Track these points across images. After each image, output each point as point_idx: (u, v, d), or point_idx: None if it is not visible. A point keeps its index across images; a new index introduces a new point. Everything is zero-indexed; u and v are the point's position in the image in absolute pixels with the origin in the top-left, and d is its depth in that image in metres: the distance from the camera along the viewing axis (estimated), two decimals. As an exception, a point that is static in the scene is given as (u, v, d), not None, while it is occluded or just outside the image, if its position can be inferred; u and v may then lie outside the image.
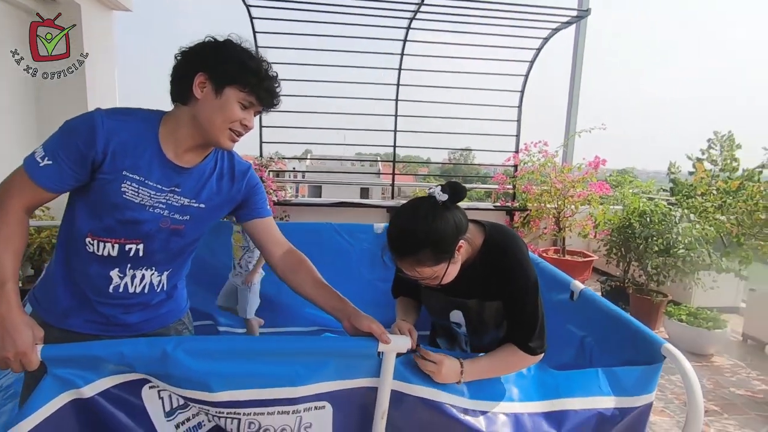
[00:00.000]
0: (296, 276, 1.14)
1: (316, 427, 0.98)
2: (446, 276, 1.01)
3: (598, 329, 1.42)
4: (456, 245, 0.98)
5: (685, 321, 2.85)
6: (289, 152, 5.01)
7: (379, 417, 1.00)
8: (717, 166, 3.48)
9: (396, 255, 0.99)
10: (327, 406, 0.99)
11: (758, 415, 2.18)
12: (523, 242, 1.08)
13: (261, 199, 1.14)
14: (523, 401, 1.04)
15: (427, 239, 0.94)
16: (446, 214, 0.96)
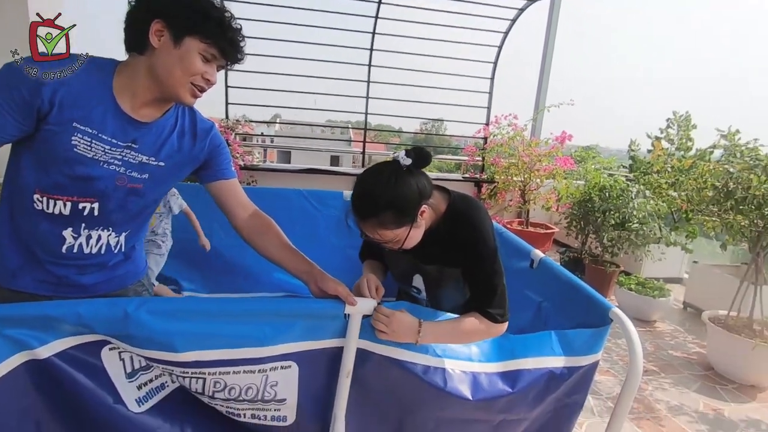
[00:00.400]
0: (262, 238, 1.13)
1: (281, 385, 1.00)
2: (408, 240, 1.02)
3: (554, 295, 1.50)
4: (418, 210, 0.99)
5: (634, 290, 3.05)
6: (257, 115, 4.85)
7: (344, 376, 1.03)
8: (673, 145, 3.65)
9: (358, 218, 0.99)
10: (293, 366, 1.01)
11: (691, 374, 2.41)
12: (485, 212, 1.10)
13: (225, 160, 1.10)
14: (481, 362, 1.10)
15: (389, 202, 0.94)
16: (409, 179, 0.97)
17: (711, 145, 3.17)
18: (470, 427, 1.13)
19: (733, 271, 3.11)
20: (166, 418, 0.93)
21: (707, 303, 3.00)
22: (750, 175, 2.30)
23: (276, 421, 1.06)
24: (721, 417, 2.03)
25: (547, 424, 1.20)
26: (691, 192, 2.72)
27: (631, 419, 1.96)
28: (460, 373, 1.07)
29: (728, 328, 2.39)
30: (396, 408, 1.10)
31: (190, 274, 2.44)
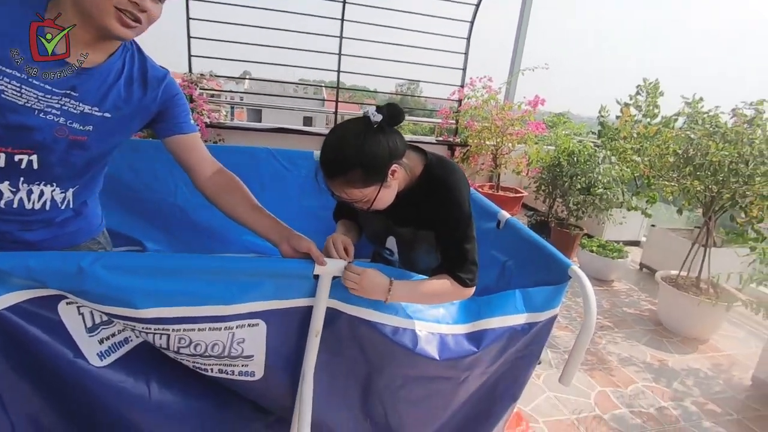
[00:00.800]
0: (228, 198, 1.07)
1: (249, 342, 1.01)
2: (378, 201, 0.99)
3: (518, 254, 1.55)
4: (388, 169, 0.96)
5: (595, 251, 3.19)
6: (224, 70, 4.57)
7: (313, 335, 1.04)
8: (641, 112, 3.73)
9: (326, 175, 0.96)
10: (261, 324, 1.01)
11: (641, 328, 2.58)
12: (463, 175, 1.08)
13: (182, 112, 1.03)
14: (449, 324, 1.13)
15: (357, 159, 0.91)
16: (379, 136, 0.93)
17: (676, 113, 3.26)
18: (436, 384, 1.19)
19: (687, 235, 3.29)
20: (130, 372, 0.92)
21: (662, 264, 3.19)
22: (709, 142, 2.39)
23: (244, 376, 1.07)
24: (665, 367, 2.20)
25: (505, 374, 1.26)
26: (654, 158, 2.81)
27: (586, 370, 2.10)
28: (428, 335, 1.10)
29: (678, 286, 2.55)
30: (364, 366, 1.13)
31: (154, 234, 2.36)
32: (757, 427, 1.82)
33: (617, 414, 1.81)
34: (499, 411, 1.31)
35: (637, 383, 2.03)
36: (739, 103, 2.55)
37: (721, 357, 2.35)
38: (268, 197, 2.75)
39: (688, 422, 1.80)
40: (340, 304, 1.05)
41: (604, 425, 1.74)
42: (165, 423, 0.98)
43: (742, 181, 2.29)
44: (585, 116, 7.74)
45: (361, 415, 1.23)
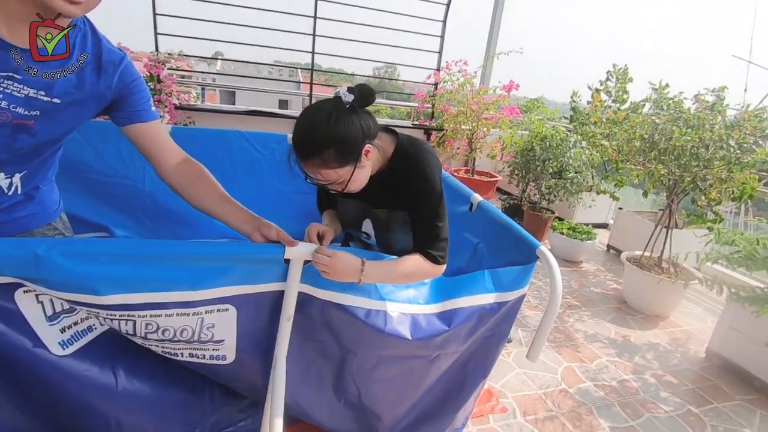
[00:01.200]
0: (195, 189, 1.04)
1: (219, 327, 1.00)
2: (352, 181, 0.99)
3: (489, 236, 1.59)
4: (362, 149, 0.96)
5: (565, 234, 3.29)
6: (194, 50, 4.40)
7: (284, 320, 1.04)
8: (611, 97, 3.82)
9: (300, 157, 0.95)
10: (231, 309, 1.00)
11: (607, 306, 2.69)
12: (434, 154, 1.09)
13: (141, 99, 0.98)
14: (420, 304, 1.16)
15: (331, 139, 0.91)
16: (352, 116, 0.93)
17: (644, 99, 3.35)
18: (409, 363, 1.21)
19: (652, 217, 3.43)
20: (95, 360, 0.91)
21: (627, 245, 3.32)
22: (673, 127, 2.47)
23: (215, 359, 1.07)
24: (628, 342, 2.31)
25: (475, 352, 1.30)
26: (622, 143, 2.89)
27: (554, 347, 2.18)
28: (400, 315, 1.12)
29: (641, 266, 2.67)
30: (338, 349, 1.15)
31: (122, 220, 2.30)
32: (708, 396, 1.94)
33: (582, 387, 1.90)
34: (470, 388, 1.35)
35: (602, 358, 2.13)
36: (702, 89, 2.64)
37: (679, 332, 2.49)
38: (240, 182, 2.71)
39: (647, 393, 1.91)
40: (312, 289, 1.05)
41: (570, 398, 1.82)
42: (132, 410, 0.98)
43: (702, 165, 2.39)
44: (559, 101, 7.86)
45: (335, 397, 1.25)
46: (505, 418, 1.67)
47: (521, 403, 1.75)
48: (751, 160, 2.32)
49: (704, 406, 1.87)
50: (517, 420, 1.67)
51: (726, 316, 2.15)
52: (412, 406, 1.32)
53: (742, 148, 2.32)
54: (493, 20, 4.68)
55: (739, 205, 3.09)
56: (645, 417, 1.76)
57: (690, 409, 1.84)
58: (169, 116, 3.56)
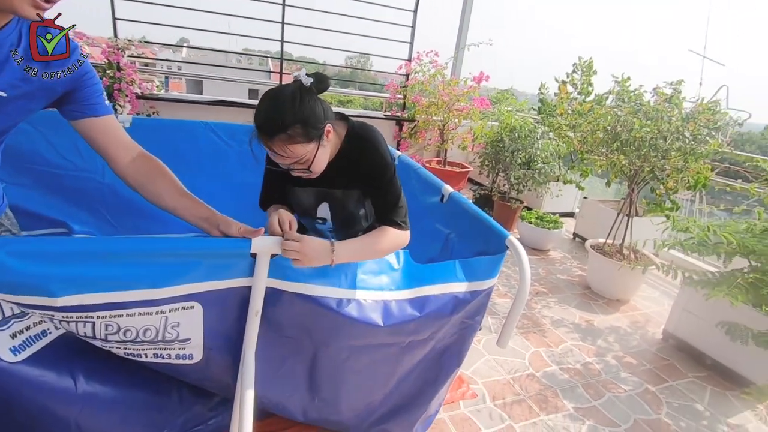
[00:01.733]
0: (153, 185, 1.02)
1: (184, 325, 0.98)
2: (316, 161, 1.03)
3: (460, 227, 1.61)
4: (325, 127, 1.01)
5: (534, 223, 3.38)
6: (157, 37, 4.22)
7: (252, 315, 1.02)
8: (576, 90, 3.92)
9: (266, 136, 0.97)
10: (197, 306, 0.98)
11: (572, 293, 2.80)
12: (381, 134, 1.18)
13: (93, 93, 0.94)
14: (392, 290, 1.16)
15: (296, 116, 0.95)
16: (313, 97, 0.99)
17: (607, 91, 3.46)
18: (382, 351, 1.22)
19: (615, 206, 3.56)
20: (50, 365, 0.87)
21: (592, 233, 3.44)
22: (633, 119, 2.57)
23: (182, 359, 1.05)
24: (591, 326, 2.42)
25: (451, 343, 1.33)
26: (586, 134, 2.98)
27: (522, 333, 2.25)
28: (372, 303, 1.13)
29: (604, 253, 2.78)
30: (310, 342, 1.14)
31: (80, 215, 2.20)
32: (664, 375, 2.06)
33: (548, 371, 1.97)
34: (445, 377, 1.38)
35: (567, 342, 2.22)
36: (661, 82, 2.75)
37: (638, 315, 2.62)
38: (206, 174, 2.63)
39: (609, 374, 2.00)
40: (281, 283, 1.04)
41: (537, 382, 1.89)
42: (94, 413, 0.95)
43: (660, 155, 2.50)
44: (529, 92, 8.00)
45: (308, 394, 1.25)
46: (475, 403, 1.72)
47: (490, 389, 1.81)
48: (705, 150, 2.44)
49: (660, 384, 1.98)
50: (487, 405, 1.72)
51: (681, 299, 2.27)
52: (387, 396, 1.34)
53: (697, 139, 2.43)
54: (463, 12, 4.70)
55: (694, 193, 3.25)
56: (606, 397, 1.85)
57: (647, 387, 1.95)
58: (130, 106, 3.41)
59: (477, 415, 1.66)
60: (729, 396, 1.94)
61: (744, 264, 1.99)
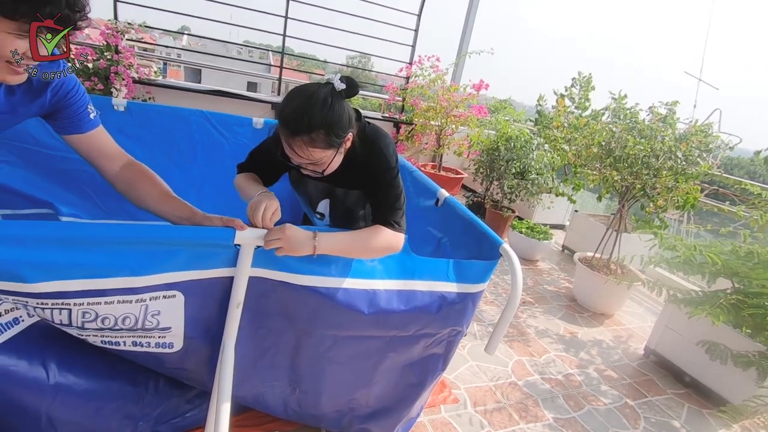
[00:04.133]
0: (137, 192, 1.06)
1: (165, 314, 0.96)
2: (331, 165, 1.05)
3: (453, 231, 1.61)
4: (346, 135, 1.02)
5: (524, 233, 3.40)
6: (159, 23, 4.16)
7: (234, 307, 1.01)
8: (574, 104, 3.96)
9: (289, 133, 0.97)
10: (178, 295, 0.96)
11: (558, 304, 2.81)
12: (390, 137, 1.18)
13: (77, 110, 0.97)
14: (382, 279, 1.14)
15: (324, 121, 0.96)
16: (343, 104, 1.00)
17: (604, 107, 3.50)
18: (365, 343, 1.21)
19: (605, 221, 3.60)
20: (22, 354, 0.84)
21: (581, 246, 3.47)
22: (628, 136, 2.60)
23: (162, 347, 1.03)
24: (575, 338, 2.43)
25: (438, 347, 1.32)
26: (581, 148, 3.01)
27: (506, 341, 2.26)
28: (359, 290, 1.11)
29: (591, 266, 2.80)
30: (292, 331, 1.13)
31: (67, 196, 2.15)
32: (643, 390, 2.07)
33: (530, 380, 1.98)
34: (429, 381, 1.38)
35: (550, 353, 2.23)
36: (656, 102, 2.79)
37: (621, 330, 2.64)
38: (200, 164, 2.60)
39: (589, 386, 2.02)
40: (266, 272, 1.02)
41: (518, 390, 1.89)
42: (66, 405, 0.92)
43: (652, 173, 2.53)
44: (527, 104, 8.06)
45: (289, 386, 1.24)
46: (456, 408, 1.71)
47: (472, 395, 1.81)
48: (695, 171, 2.47)
49: (639, 399, 2.00)
50: (468, 411, 1.72)
51: (664, 316, 2.30)
52: (369, 395, 1.33)
53: (688, 160, 2.47)
54: (467, 19, 4.72)
55: (682, 213, 3.30)
56: (586, 409, 1.86)
57: (626, 401, 1.96)
58: (126, 90, 3.37)
59: (457, 420, 1.65)
60: (705, 414, 1.97)
61: (727, 285, 2.02)
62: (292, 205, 2.39)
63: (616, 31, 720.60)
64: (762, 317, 1.70)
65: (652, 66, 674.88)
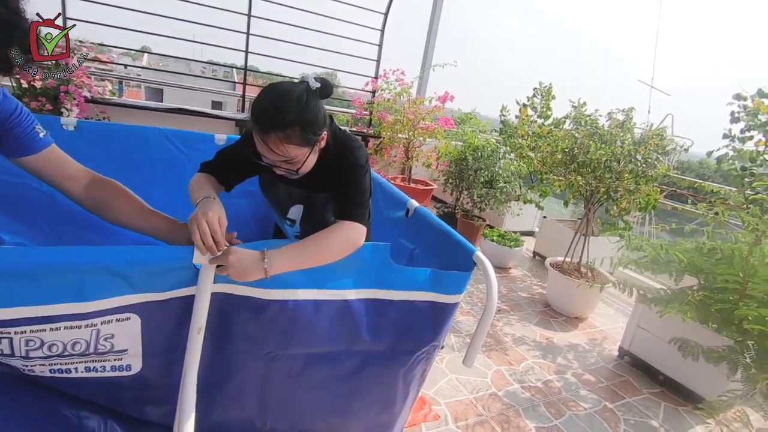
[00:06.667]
0: (111, 209, 1.00)
1: (119, 337, 0.88)
2: (306, 164, 1.02)
3: (425, 242, 1.58)
4: (321, 134, 1.02)
5: (496, 241, 3.42)
6: (117, 42, 4.00)
7: (194, 332, 0.93)
8: (536, 113, 4.07)
9: (263, 129, 0.94)
10: (133, 317, 0.88)
11: (533, 310, 2.82)
12: (362, 144, 1.19)
13: (25, 132, 0.90)
14: (354, 288, 1.07)
15: (300, 117, 0.95)
16: (318, 102, 0.99)
17: (564, 115, 3.61)
18: (339, 364, 1.14)
19: (572, 225, 3.68)
20: None
21: (551, 252, 3.52)
22: (589, 142, 2.67)
23: (119, 370, 0.94)
24: (551, 344, 2.43)
25: (415, 363, 1.26)
26: (546, 155, 3.07)
27: (484, 351, 2.23)
28: (331, 301, 1.04)
29: (563, 271, 2.83)
30: (261, 353, 1.05)
31: (11, 224, 1.99)
32: (621, 391, 2.09)
33: (510, 390, 1.95)
34: (410, 400, 1.32)
35: (528, 360, 2.22)
36: (614, 108, 2.89)
37: (595, 332, 2.67)
38: (160, 184, 2.48)
39: (569, 392, 2.01)
40: (232, 287, 0.95)
41: (499, 401, 1.86)
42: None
43: (614, 176, 2.61)
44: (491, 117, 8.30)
45: (258, 417, 1.15)
46: (437, 425, 1.66)
47: (453, 409, 1.76)
48: (654, 173, 2.56)
49: (618, 401, 2.01)
50: (449, 427, 1.66)
51: (635, 316, 2.34)
52: (347, 419, 1.26)
53: (647, 162, 2.56)
54: (429, 32, 4.81)
55: (644, 214, 3.42)
56: (567, 415, 1.84)
57: (606, 404, 1.96)
58: (77, 110, 3.20)
59: (439, 438, 1.60)
60: (681, 411, 1.99)
61: (693, 282, 2.08)
62: (259, 218, 2.31)
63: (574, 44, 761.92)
64: (728, 312, 1.75)
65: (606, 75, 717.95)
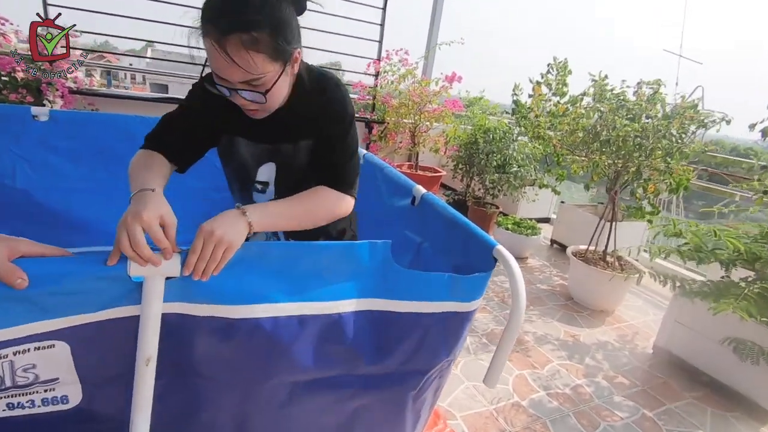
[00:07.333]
0: None
1: (43, 366, 0.68)
2: (276, 89, 0.81)
3: (435, 234, 1.34)
4: (295, 48, 0.82)
5: (511, 229, 3.18)
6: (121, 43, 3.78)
7: (142, 365, 0.72)
8: (551, 90, 3.78)
9: (222, 29, 0.72)
10: (59, 344, 0.68)
11: (555, 304, 2.59)
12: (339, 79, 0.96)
13: None
14: (351, 298, 0.85)
15: (268, 18, 0.74)
16: (291, 8, 0.80)
17: (582, 92, 3.33)
18: (333, 392, 0.93)
19: (593, 210, 3.42)
20: None
21: (570, 239, 3.28)
22: (615, 117, 2.41)
23: (53, 404, 0.74)
24: (578, 342, 2.21)
25: (431, 383, 1.05)
26: (565, 134, 2.81)
27: (503, 353, 2.01)
28: (318, 317, 0.83)
29: (587, 261, 2.59)
30: (235, 382, 0.84)
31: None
32: (659, 395, 1.86)
33: (535, 398, 1.73)
34: (420, 426, 1.11)
35: (553, 362, 1.99)
36: (641, 79, 2.62)
37: (625, 327, 2.43)
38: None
39: (601, 399, 1.79)
40: (189, 306, 0.73)
41: (523, 412, 1.64)
42: None
43: (645, 154, 2.34)
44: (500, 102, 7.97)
45: None
46: (454, 443, 1.45)
47: (471, 424, 1.55)
48: (693, 148, 2.30)
49: (657, 408, 1.78)
50: (468, 444, 1.46)
51: (672, 310, 2.10)
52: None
53: (682, 137, 2.29)
54: (434, 8, 4.52)
55: (669, 197, 3.14)
56: (602, 427, 1.62)
57: (644, 413, 1.73)
58: (62, 101, 3.00)
59: (457, 459, 1.39)
60: (730, 418, 1.76)
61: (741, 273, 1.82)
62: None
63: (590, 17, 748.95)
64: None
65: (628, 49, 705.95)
